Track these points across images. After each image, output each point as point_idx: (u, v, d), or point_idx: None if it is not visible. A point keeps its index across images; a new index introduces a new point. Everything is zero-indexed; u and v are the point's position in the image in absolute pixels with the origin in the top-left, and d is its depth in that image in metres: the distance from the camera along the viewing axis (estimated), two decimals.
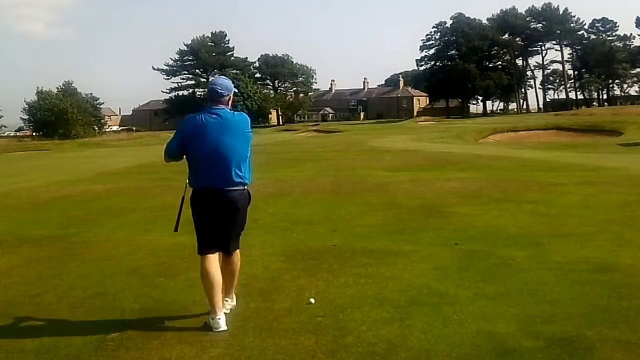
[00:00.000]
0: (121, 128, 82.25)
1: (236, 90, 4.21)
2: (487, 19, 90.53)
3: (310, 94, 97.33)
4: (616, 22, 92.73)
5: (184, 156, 4.01)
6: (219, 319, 3.80)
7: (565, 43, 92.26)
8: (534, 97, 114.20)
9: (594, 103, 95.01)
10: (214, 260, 3.94)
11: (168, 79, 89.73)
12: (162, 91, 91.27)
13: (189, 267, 5.39)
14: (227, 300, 4.09)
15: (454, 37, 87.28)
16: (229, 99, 4.02)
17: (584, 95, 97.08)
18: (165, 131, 68.80)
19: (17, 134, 71.41)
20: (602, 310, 3.89)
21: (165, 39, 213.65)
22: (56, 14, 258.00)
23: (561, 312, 3.87)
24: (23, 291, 4.95)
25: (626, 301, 4.04)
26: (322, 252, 5.84)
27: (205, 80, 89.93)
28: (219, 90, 3.96)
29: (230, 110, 4.00)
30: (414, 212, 8.09)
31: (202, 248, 3.98)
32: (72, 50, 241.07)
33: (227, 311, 4.02)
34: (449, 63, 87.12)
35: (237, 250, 4.11)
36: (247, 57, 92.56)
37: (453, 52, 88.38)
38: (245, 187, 3.96)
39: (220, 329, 3.78)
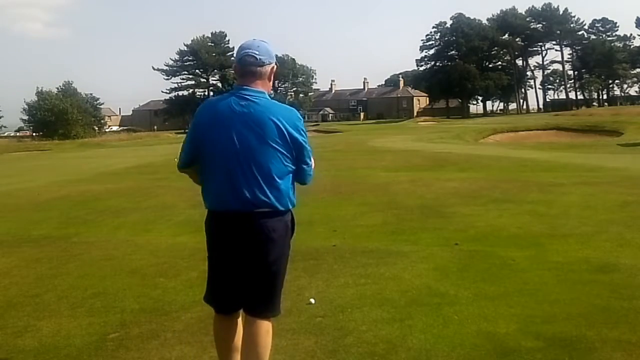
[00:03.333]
0: (121, 128, 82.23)
1: (277, 64, 2.80)
2: (487, 19, 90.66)
3: (310, 94, 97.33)
4: (616, 23, 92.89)
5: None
6: None
7: (565, 43, 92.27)
8: (534, 97, 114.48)
9: (594, 103, 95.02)
10: (227, 322, 2.76)
11: (168, 79, 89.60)
12: (162, 91, 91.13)
13: (189, 267, 5.40)
14: None
15: (454, 37, 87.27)
16: (272, 72, 2.67)
17: (584, 95, 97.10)
18: (165, 131, 68.91)
19: (17, 134, 71.40)
20: (602, 310, 3.89)
21: (165, 39, 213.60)
22: (54, 14, 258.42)
23: (561, 313, 3.87)
24: (23, 291, 4.95)
25: (626, 301, 4.04)
26: (322, 252, 5.84)
27: (205, 80, 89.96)
28: (258, 57, 2.59)
29: (271, 93, 2.71)
30: (414, 212, 8.08)
31: (214, 302, 2.75)
32: (71, 51, 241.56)
33: None
34: (449, 63, 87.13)
35: (266, 323, 2.67)
36: None
37: (453, 52, 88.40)
38: (287, 212, 2.67)
39: None
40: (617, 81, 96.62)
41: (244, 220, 2.56)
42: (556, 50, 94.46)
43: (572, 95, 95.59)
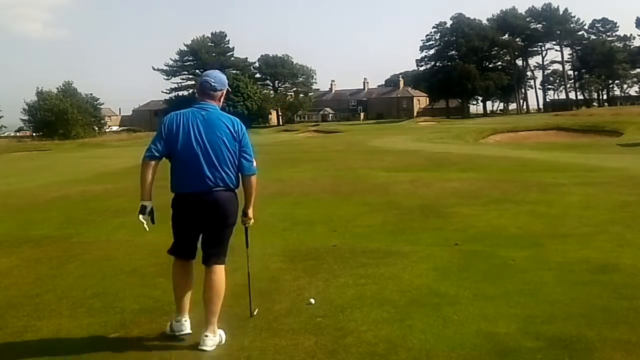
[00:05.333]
0: (121, 128, 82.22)
1: (228, 89, 3.86)
2: (487, 20, 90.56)
3: (310, 94, 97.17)
4: (616, 23, 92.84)
5: (167, 159, 3.63)
6: (185, 320, 3.67)
7: (565, 43, 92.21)
8: (534, 97, 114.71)
9: (594, 103, 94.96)
10: (184, 266, 3.74)
11: (168, 79, 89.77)
12: (162, 91, 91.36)
13: None
14: (206, 336, 3.49)
15: (454, 38, 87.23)
16: (222, 95, 3.65)
17: (584, 95, 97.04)
18: None
19: (17, 134, 71.35)
20: (602, 310, 3.89)
21: (165, 39, 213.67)
22: (53, 14, 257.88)
23: (561, 313, 3.87)
24: (23, 291, 4.95)
25: (626, 301, 4.05)
26: (322, 253, 5.84)
27: None
28: (212, 84, 3.60)
29: (222, 108, 3.65)
30: (414, 213, 8.08)
31: (174, 251, 3.76)
32: (71, 51, 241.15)
33: (209, 349, 3.46)
34: (449, 63, 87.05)
35: (221, 267, 3.61)
36: (247, 58, 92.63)
37: (453, 52, 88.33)
38: (233, 191, 3.59)
39: (184, 332, 3.64)
40: (617, 81, 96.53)
41: (208, 196, 3.51)
42: (556, 50, 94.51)
43: (572, 95, 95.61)
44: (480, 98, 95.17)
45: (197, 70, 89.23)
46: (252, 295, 4.36)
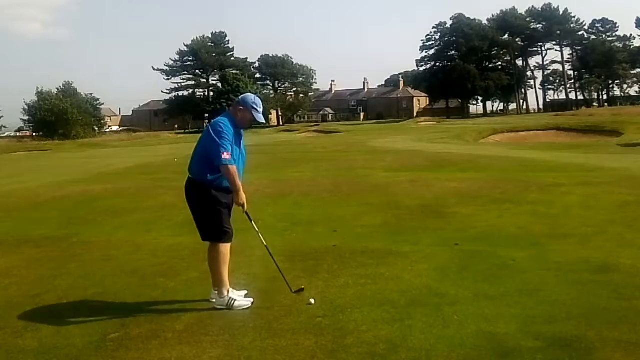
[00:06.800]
0: (121, 128, 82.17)
1: (258, 109, 4.52)
2: (487, 20, 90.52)
3: (310, 94, 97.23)
4: (616, 23, 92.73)
5: None
6: (214, 291, 4.40)
7: (565, 43, 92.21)
8: (534, 97, 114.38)
9: (594, 103, 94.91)
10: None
11: (168, 79, 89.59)
12: (162, 91, 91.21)
13: (189, 268, 5.41)
14: (212, 293, 4.42)
15: (454, 38, 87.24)
16: (237, 108, 4.45)
17: (584, 95, 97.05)
18: (165, 131, 68.88)
19: (17, 134, 71.32)
20: (602, 310, 3.89)
21: (165, 40, 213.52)
22: (53, 14, 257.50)
23: (561, 313, 3.87)
24: (23, 291, 4.96)
25: (626, 302, 4.05)
26: (322, 253, 5.84)
27: (205, 80, 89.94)
28: (236, 100, 4.63)
29: (230, 119, 4.37)
30: (414, 213, 8.08)
31: None
32: (70, 51, 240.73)
33: (216, 305, 4.30)
34: (449, 63, 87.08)
35: (212, 244, 4.34)
36: (247, 58, 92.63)
37: (453, 52, 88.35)
38: (202, 182, 4.28)
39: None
40: (617, 81, 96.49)
41: (187, 182, 4.44)
42: (556, 50, 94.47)
43: (572, 95, 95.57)
44: (480, 98, 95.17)
45: (197, 70, 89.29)
46: (253, 295, 4.38)
